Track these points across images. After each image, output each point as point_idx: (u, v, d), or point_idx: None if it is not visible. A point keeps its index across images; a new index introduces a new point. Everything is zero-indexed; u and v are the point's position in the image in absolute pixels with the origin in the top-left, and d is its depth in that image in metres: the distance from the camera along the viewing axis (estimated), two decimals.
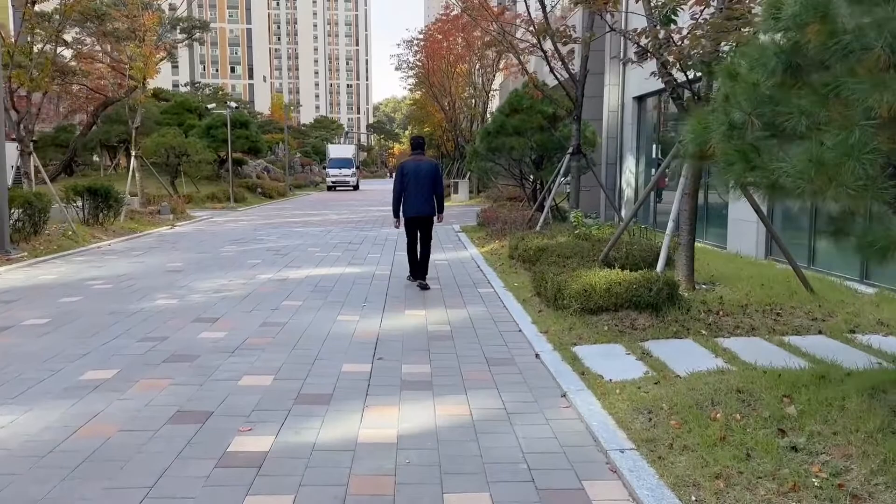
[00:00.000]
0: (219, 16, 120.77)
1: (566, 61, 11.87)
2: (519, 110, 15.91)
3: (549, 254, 8.95)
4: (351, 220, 20.36)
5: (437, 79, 34.83)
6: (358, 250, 12.94)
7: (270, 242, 14.12)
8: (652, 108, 16.63)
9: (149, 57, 17.13)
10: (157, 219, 18.13)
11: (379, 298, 8.26)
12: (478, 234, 15.16)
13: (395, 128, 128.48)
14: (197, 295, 8.37)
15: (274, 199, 31.06)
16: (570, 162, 12.15)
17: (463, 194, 30.62)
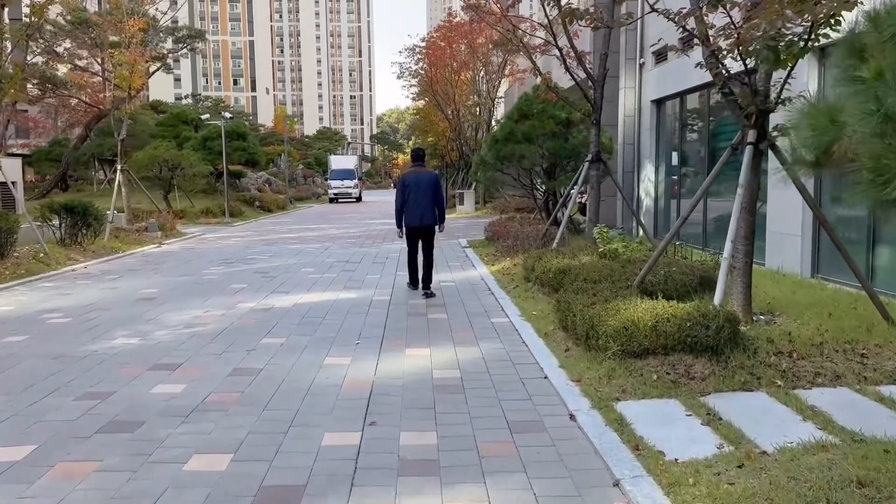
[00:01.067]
0: (221, 28, 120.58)
1: (583, 59, 10.70)
2: (529, 115, 14.75)
3: (573, 277, 7.74)
4: (351, 234, 19.21)
5: (441, 87, 33.77)
6: (356, 270, 11.75)
7: (261, 262, 12.95)
8: (672, 112, 15.44)
9: (134, 64, 16.05)
10: (145, 236, 17.01)
11: (376, 332, 7.06)
12: (487, 251, 13.97)
13: (399, 138, 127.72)
14: (163, 331, 7.18)
15: (273, 212, 29.96)
16: (588, 170, 10.96)
17: (469, 205, 29.45)
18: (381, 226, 22.56)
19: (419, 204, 9.01)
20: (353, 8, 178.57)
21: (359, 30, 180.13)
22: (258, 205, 29.27)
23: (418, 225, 9.07)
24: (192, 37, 29.43)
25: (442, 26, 34.18)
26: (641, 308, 5.55)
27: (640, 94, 16.49)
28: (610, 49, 11.55)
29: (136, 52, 16.01)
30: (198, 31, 29.53)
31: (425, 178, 9.17)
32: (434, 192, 9.12)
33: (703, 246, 13.56)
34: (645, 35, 16.17)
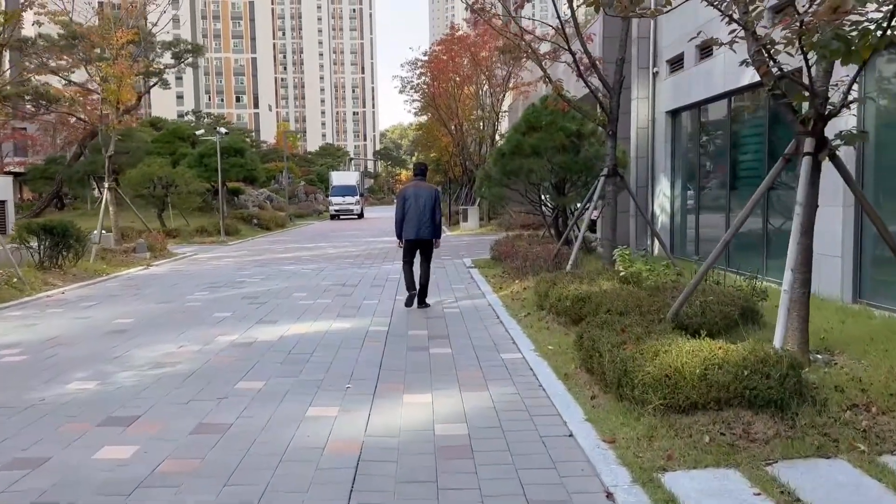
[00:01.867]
0: (223, 46, 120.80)
1: (598, 65, 9.86)
2: (537, 128, 13.92)
3: (594, 306, 6.83)
4: (350, 254, 18.33)
5: (444, 101, 33.06)
6: (352, 295, 10.85)
7: (250, 286, 12.07)
8: (689, 123, 14.59)
9: (122, 77, 15.29)
10: (132, 258, 16.16)
11: (370, 373, 6.15)
12: (493, 272, 13.06)
13: (402, 154, 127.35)
14: (127, 373, 6.28)
15: (271, 230, 29.12)
16: (604, 185, 10.08)
17: (472, 222, 28.60)
18: (382, 244, 21.69)
19: (417, 217, 9.25)
20: (356, 25, 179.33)
21: (361, 47, 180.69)
22: (256, 223, 28.46)
23: (415, 238, 9.33)
24: (189, 52, 28.77)
25: (444, 39, 33.55)
26: (685, 350, 4.64)
27: (654, 105, 15.65)
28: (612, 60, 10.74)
29: (124, 64, 15.25)
30: (196, 46, 28.91)
31: (424, 192, 9.36)
32: (432, 206, 9.32)
33: (725, 265, 12.65)
34: (659, 43, 15.37)
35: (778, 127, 10.97)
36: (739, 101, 12.35)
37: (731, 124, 12.52)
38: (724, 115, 12.87)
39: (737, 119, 12.48)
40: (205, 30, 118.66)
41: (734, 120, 12.51)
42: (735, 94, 12.18)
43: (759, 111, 11.50)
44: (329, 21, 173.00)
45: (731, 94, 12.29)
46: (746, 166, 12.21)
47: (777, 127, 10.98)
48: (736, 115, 12.51)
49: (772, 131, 11.05)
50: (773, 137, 11.04)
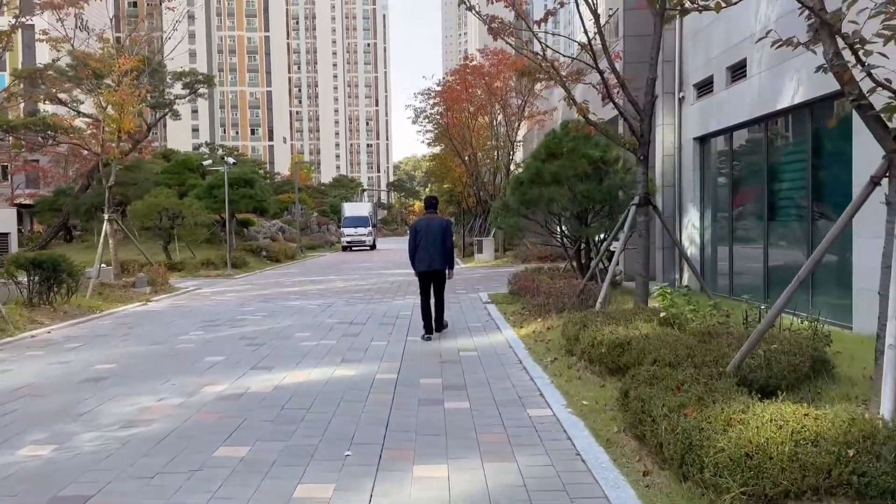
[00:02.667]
0: (239, 79, 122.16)
1: (627, 84, 9.04)
2: (558, 154, 13.09)
3: (636, 354, 5.89)
4: (360, 288, 17.46)
5: (458, 130, 32.48)
6: (359, 336, 9.95)
7: (250, 325, 11.20)
8: (720, 150, 13.71)
9: (124, 104, 14.70)
10: (131, 293, 15.40)
11: (374, 435, 5.22)
12: (512, 308, 12.13)
13: (416, 185, 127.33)
14: (91, 434, 5.39)
15: (280, 262, 28.38)
16: (636, 215, 9.18)
17: (488, 253, 27.71)
18: (394, 276, 20.82)
19: (428, 249, 9.38)
20: (370, 59, 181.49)
21: (375, 80, 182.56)
22: (265, 255, 27.75)
23: (427, 269, 9.42)
24: (201, 82, 28.44)
25: (458, 69, 33.10)
26: (766, 420, 3.68)
27: (680, 132, 14.81)
28: (637, 86, 9.92)
29: (126, 91, 14.68)
30: (208, 77, 28.59)
31: (435, 224, 9.51)
32: (443, 238, 9.43)
33: (764, 300, 11.64)
34: (684, 67, 14.58)
35: (823, 152, 10.06)
36: (777, 126, 11.47)
37: (768, 151, 11.63)
38: (760, 141, 11.98)
39: (774, 145, 11.58)
40: (221, 63, 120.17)
41: (771, 146, 11.62)
42: (772, 118, 11.31)
43: (801, 136, 10.61)
44: (344, 55, 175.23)
45: (767, 119, 11.42)
46: (786, 196, 11.28)
47: (822, 152, 10.08)
48: (773, 141, 11.62)
49: (816, 157, 10.14)
50: (817, 163, 10.13)
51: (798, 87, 10.18)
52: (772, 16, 10.88)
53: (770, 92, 10.98)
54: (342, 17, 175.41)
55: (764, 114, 11.29)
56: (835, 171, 9.78)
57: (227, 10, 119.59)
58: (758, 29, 11.33)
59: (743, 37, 11.87)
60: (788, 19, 10.63)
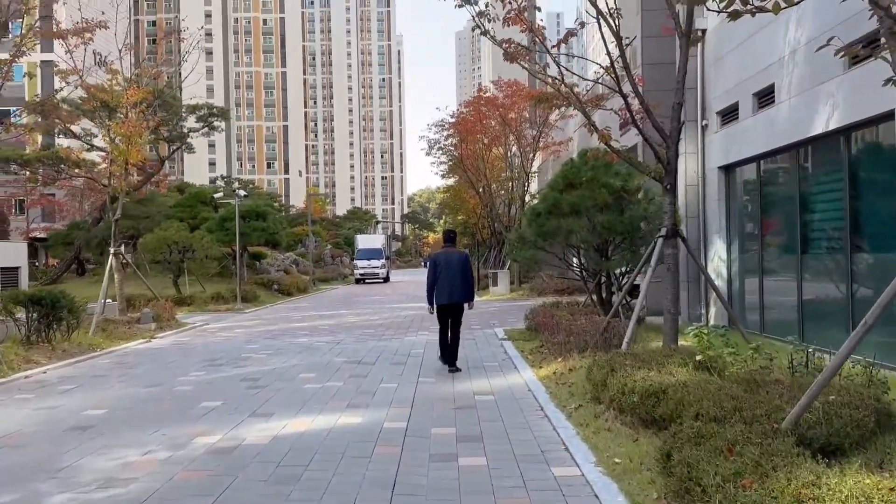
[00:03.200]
0: (256, 114, 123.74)
1: (651, 109, 8.52)
2: (576, 184, 12.56)
3: (674, 405, 5.25)
4: (371, 323, 16.88)
5: (472, 162, 32.17)
6: (368, 377, 9.34)
7: (254, 364, 10.63)
8: (746, 179, 13.11)
9: (131, 136, 14.43)
10: (136, 329, 14.93)
11: (378, 500, 4.60)
12: (530, 345, 11.50)
13: (430, 217, 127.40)
14: (64, 496, 4.81)
15: (292, 296, 27.91)
16: (663, 248, 8.58)
17: (503, 286, 27.07)
18: (407, 311, 20.22)
19: (448, 282, 9.36)
20: (385, 94, 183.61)
21: (390, 114, 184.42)
22: (276, 288, 27.30)
23: (447, 302, 9.43)
24: (215, 115, 28.41)
25: (472, 101, 32.94)
26: (843, 494, 3.05)
27: (704, 161, 14.24)
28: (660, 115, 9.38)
29: (133, 123, 14.42)
30: (221, 110, 28.59)
31: (455, 257, 9.57)
32: (463, 270, 9.49)
33: (799, 338, 10.91)
34: (707, 94, 14.08)
35: (862, 181, 9.45)
36: (810, 154, 10.86)
37: (800, 180, 11.01)
38: (791, 169, 11.38)
39: (807, 174, 10.97)
40: (238, 98, 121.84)
41: (803, 175, 11.00)
42: (804, 145, 10.72)
43: (836, 164, 10.00)
44: (359, 90, 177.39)
45: (799, 146, 10.83)
46: (821, 227, 10.63)
47: (860, 181, 9.46)
48: (805, 170, 11.01)
49: (853, 186, 9.52)
50: (855, 193, 9.50)
51: (833, 112, 9.61)
52: (801, 38, 10.38)
53: (801, 118, 10.42)
54: (358, 54, 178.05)
55: (795, 141, 10.71)
56: (875, 201, 9.15)
57: (245, 47, 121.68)
58: (787, 52, 10.83)
59: (770, 61, 11.36)
60: (821, 41, 10.13)
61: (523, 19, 8.29)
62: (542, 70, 8.99)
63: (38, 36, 12.80)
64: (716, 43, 13.75)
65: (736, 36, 12.66)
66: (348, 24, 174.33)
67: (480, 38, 46.19)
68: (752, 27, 12.01)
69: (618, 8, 8.19)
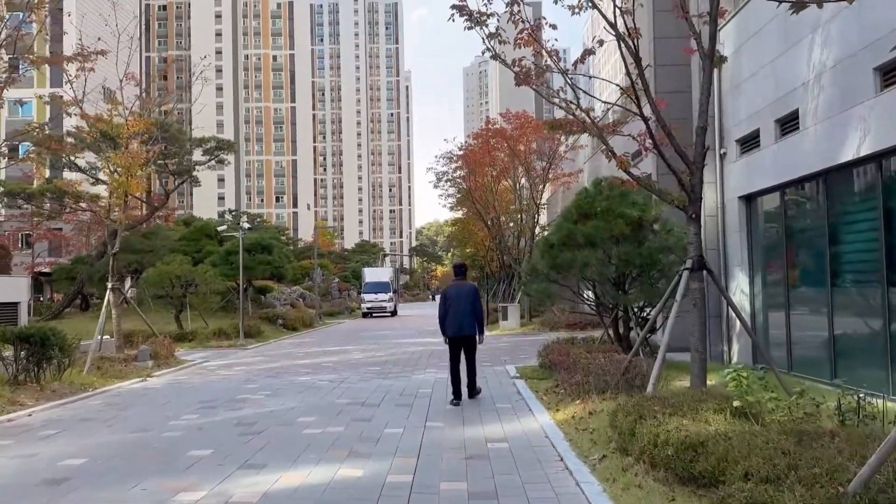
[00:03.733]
0: (265, 148, 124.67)
1: (673, 133, 8.01)
2: (591, 215, 12.03)
3: (716, 461, 4.60)
4: (377, 360, 16.23)
5: (480, 194, 31.77)
6: (372, 420, 8.69)
7: (251, 406, 9.99)
8: (769, 209, 12.54)
9: (130, 167, 14.04)
10: (132, 367, 14.35)
11: None
12: (544, 385, 10.83)
13: (438, 250, 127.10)
14: None
15: (297, 330, 27.30)
16: (689, 281, 7.98)
17: (513, 321, 26.38)
18: (414, 346, 19.56)
19: (458, 315, 9.55)
20: (394, 128, 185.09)
21: (398, 147, 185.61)
22: (281, 323, 26.70)
23: (456, 335, 9.62)
24: (222, 148, 28.21)
25: (480, 133, 32.70)
26: None
27: (723, 190, 13.68)
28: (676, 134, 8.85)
29: (132, 154, 14.04)
30: (227, 143, 28.39)
31: (465, 290, 9.78)
32: (472, 303, 9.64)
33: (830, 377, 10.21)
34: (725, 121, 13.60)
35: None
36: (840, 181, 10.28)
37: (828, 209, 10.43)
38: (818, 198, 10.81)
39: (836, 202, 10.38)
40: (248, 133, 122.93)
41: (832, 204, 10.42)
42: (833, 172, 10.15)
43: (870, 191, 9.43)
44: (368, 125, 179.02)
45: (826, 174, 10.26)
46: (853, 258, 10.01)
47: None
48: (835, 198, 10.43)
49: (889, 215, 8.92)
50: (890, 222, 8.90)
51: (864, 138, 9.06)
52: (827, 61, 9.89)
53: (830, 144, 9.88)
54: (366, 89, 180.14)
55: (823, 169, 10.15)
56: None
57: (255, 83, 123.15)
58: (811, 76, 10.34)
59: (793, 86, 10.87)
60: (848, 63, 9.67)
61: (536, 39, 7.84)
62: (555, 94, 8.53)
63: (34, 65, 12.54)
64: (733, 70, 13.30)
65: (755, 62, 12.22)
66: (357, 60, 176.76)
67: (487, 73, 46.47)
68: (772, 51, 11.57)
69: (636, 27, 7.74)
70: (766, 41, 11.81)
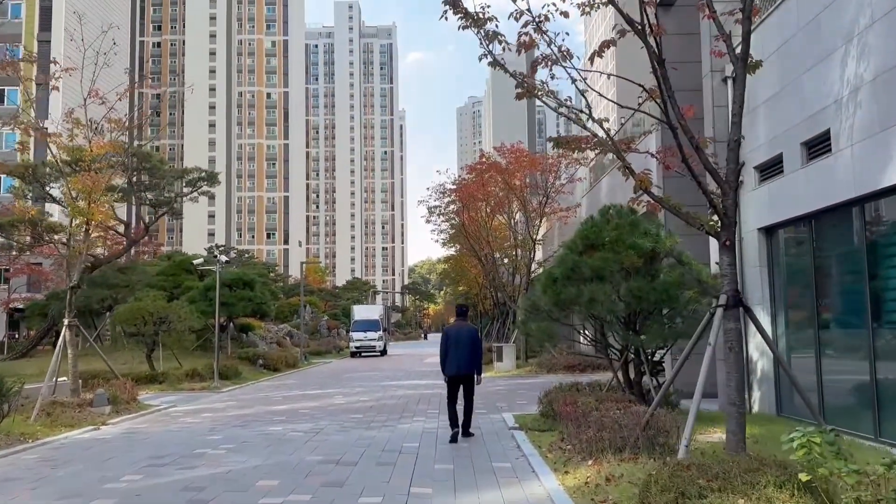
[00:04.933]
0: (257, 185, 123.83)
1: (703, 147, 6.87)
2: (598, 246, 10.83)
3: None
4: (360, 406, 14.78)
5: (474, 228, 30.68)
6: (345, 485, 7.29)
7: (206, 465, 8.54)
8: (793, 241, 11.40)
9: (91, 191, 12.78)
10: (87, 413, 12.86)
11: None
12: (548, 438, 9.46)
13: (431, 288, 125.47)
14: None
15: (279, 371, 25.73)
16: (723, 320, 6.73)
17: (508, 362, 24.94)
18: (403, 390, 18.10)
19: (457, 355, 9.88)
20: (387, 166, 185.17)
21: (392, 185, 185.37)
22: (261, 363, 25.14)
23: (455, 374, 9.94)
24: (204, 179, 27.05)
25: (474, 167, 31.76)
26: None
27: (740, 222, 12.53)
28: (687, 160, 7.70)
29: (94, 178, 12.79)
30: (211, 174, 27.24)
31: (465, 331, 10.14)
32: (471, 345, 9.99)
33: (874, 433, 8.92)
34: (742, 147, 12.49)
35: None
36: (881, 209, 9.14)
37: (867, 240, 9.27)
38: (854, 228, 9.65)
39: (877, 232, 9.22)
40: (239, 169, 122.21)
41: (871, 234, 9.26)
42: (872, 199, 9.01)
43: None
44: (361, 162, 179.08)
45: (864, 200, 9.13)
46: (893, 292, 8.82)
47: None
48: (875, 228, 9.27)
49: None
50: None
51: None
52: (866, 74, 8.83)
53: (868, 167, 8.77)
54: (360, 127, 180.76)
55: (860, 195, 9.02)
56: None
57: (248, 119, 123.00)
58: (845, 93, 9.27)
59: (824, 104, 9.81)
60: (890, 77, 8.64)
61: (543, 32, 6.74)
62: (563, 103, 7.40)
63: None
64: (750, 90, 12.19)
65: (776, 80, 11.19)
66: (352, 98, 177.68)
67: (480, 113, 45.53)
68: (798, 67, 10.56)
69: (658, 22, 6.64)
70: (790, 56, 10.79)
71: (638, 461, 7.10)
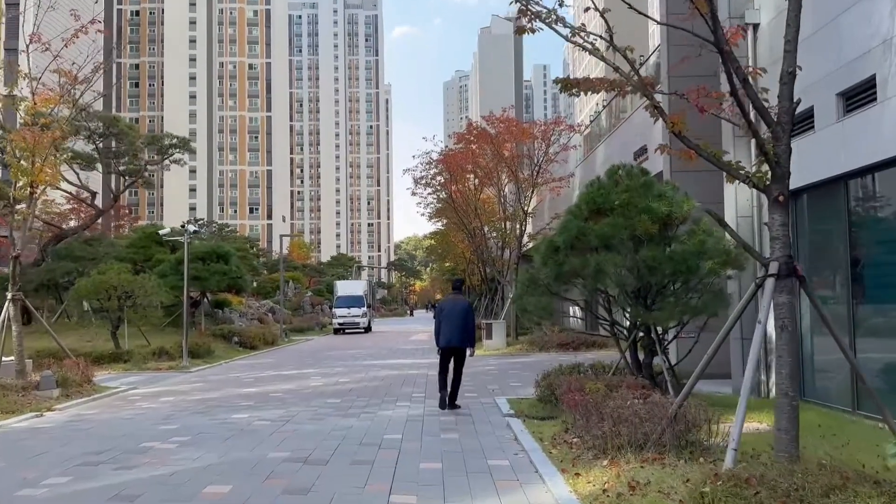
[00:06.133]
0: (239, 159, 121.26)
1: (751, 80, 5.57)
2: (605, 211, 9.55)
3: None
4: (339, 388, 13.52)
5: (462, 201, 29.32)
6: (311, 492, 6.02)
7: (150, 463, 7.23)
8: (825, 206, 10.19)
9: (34, 148, 11.25)
10: (32, 397, 11.49)
11: None
12: (550, 429, 8.26)
13: (417, 265, 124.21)
14: None
15: (257, 349, 24.39)
16: (773, 294, 5.49)
17: (498, 339, 23.73)
18: (387, 370, 16.87)
19: (449, 327, 10.24)
20: (373, 140, 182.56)
21: (377, 161, 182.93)
22: (237, 341, 23.79)
23: (447, 346, 10.32)
24: (176, 146, 25.40)
25: (462, 136, 30.27)
26: None
27: None
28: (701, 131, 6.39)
29: (36, 134, 11.24)
30: (182, 140, 25.58)
31: (458, 305, 10.44)
32: (464, 318, 10.30)
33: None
34: None
35: None
36: None
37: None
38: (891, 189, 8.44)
39: None
40: (221, 142, 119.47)
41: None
42: None
43: None
44: (346, 137, 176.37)
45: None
46: None
47: None
48: None
49: None
50: None
51: None
52: None
53: None
54: (345, 101, 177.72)
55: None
56: None
57: (230, 91, 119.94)
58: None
59: (868, 46, 8.52)
60: None
61: None
62: (577, 31, 6.06)
63: None
64: (771, 41, 11.00)
65: (806, 23, 9.82)
66: (336, 71, 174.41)
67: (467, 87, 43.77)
68: (833, 7, 9.26)
69: None
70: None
71: (665, 463, 5.89)
